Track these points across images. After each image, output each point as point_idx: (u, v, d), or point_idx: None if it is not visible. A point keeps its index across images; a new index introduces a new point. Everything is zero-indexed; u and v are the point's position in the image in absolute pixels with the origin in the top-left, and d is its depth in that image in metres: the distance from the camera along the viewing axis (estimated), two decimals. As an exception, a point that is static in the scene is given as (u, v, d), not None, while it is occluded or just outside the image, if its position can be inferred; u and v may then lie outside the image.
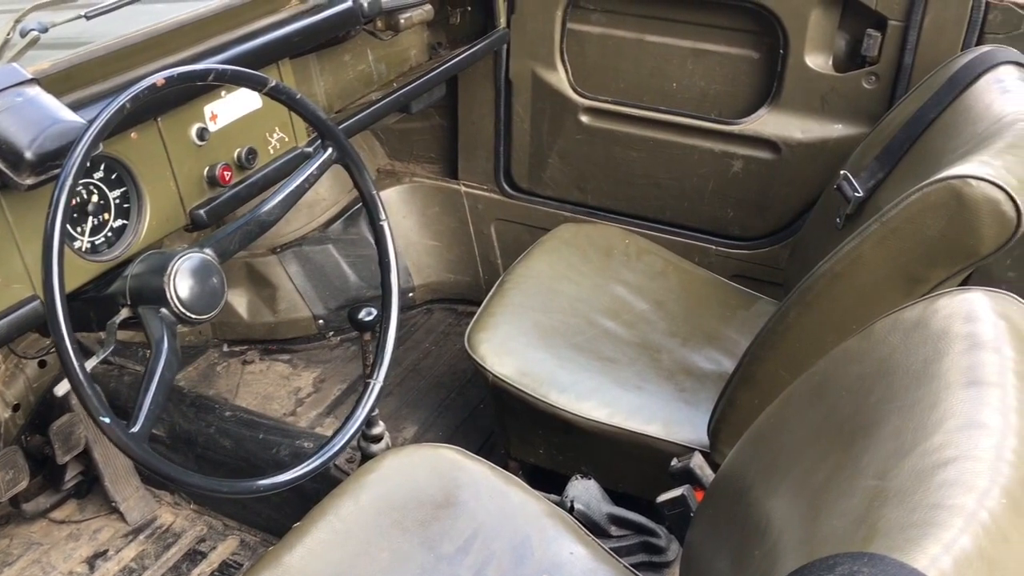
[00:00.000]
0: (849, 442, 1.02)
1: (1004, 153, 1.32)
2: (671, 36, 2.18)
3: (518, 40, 2.28)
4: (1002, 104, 1.54)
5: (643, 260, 2.14)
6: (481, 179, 2.50)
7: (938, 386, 0.96)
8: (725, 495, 1.31)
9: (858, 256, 1.35)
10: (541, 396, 1.74)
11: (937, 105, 1.69)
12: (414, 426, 2.24)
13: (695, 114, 2.21)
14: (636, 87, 2.25)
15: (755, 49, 2.12)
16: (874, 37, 1.95)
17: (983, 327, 1.00)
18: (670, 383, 1.80)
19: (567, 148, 2.35)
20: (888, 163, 1.74)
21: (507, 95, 2.36)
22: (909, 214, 1.29)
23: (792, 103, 2.08)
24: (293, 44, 1.60)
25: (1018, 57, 1.68)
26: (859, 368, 1.11)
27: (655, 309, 2.00)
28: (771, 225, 2.23)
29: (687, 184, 2.27)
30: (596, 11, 2.23)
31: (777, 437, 1.24)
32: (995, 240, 1.25)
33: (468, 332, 1.87)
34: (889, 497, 0.84)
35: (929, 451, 0.87)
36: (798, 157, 2.11)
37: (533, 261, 2.06)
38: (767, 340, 1.49)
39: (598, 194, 2.39)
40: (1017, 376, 0.93)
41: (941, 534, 0.75)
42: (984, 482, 0.81)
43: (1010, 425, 0.87)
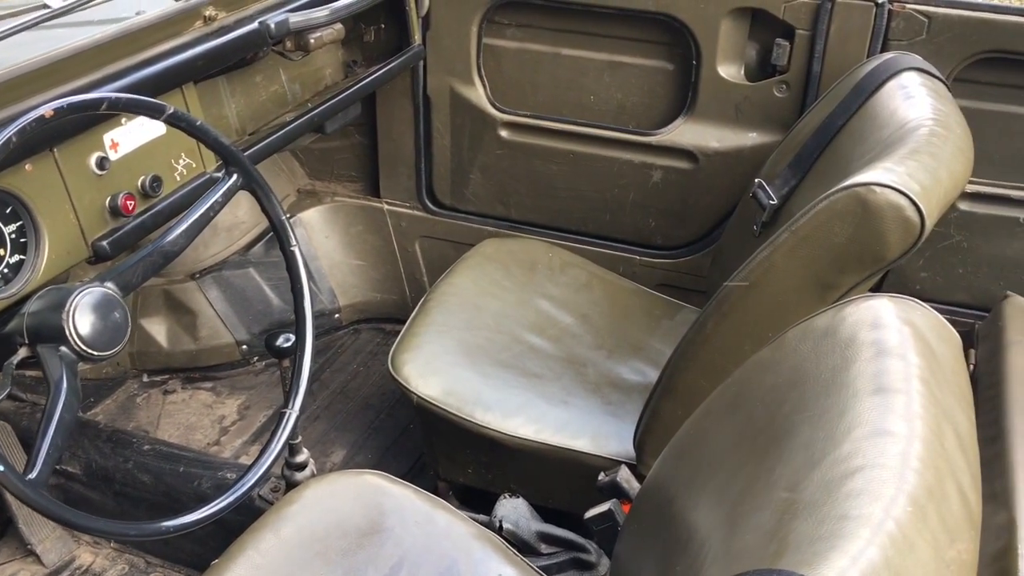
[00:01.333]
0: (763, 454, 1.02)
1: (907, 159, 1.35)
2: (587, 49, 2.19)
3: (434, 56, 2.27)
4: (906, 110, 1.57)
5: (567, 273, 2.14)
6: (403, 196, 2.48)
7: (847, 395, 0.96)
8: (650, 508, 1.31)
9: (771, 265, 1.36)
10: (467, 415, 1.72)
11: (845, 112, 1.73)
12: (343, 450, 2.20)
13: (613, 126, 2.22)
14: (554, 101, 2.25)
15: (669, 60, 2.13)
16: (783, 46, 1.98)
17: (888, 334, 1.01)
18: (596, 396, 1.80)
19: (488, 163, 2.34)
20: (800, 170, 1.77)
21: (426, 111, 2.34)
22: (817, 222, 1.31)
23: (707, 113, 2.11)
24: (197, 68, 1.57)
25: (920, 63, 1.72)
26: (772, 378, 1.12)
27: (580, 322, 2.00)
28: (692, 234, 2.25)
29: (608, 195, 2.28)
30: (511, 26, 2.23)
31: (697, 449, 1.24)
32: (901, 245, 1.28)
33: (391, 353, 1.84)
34: (799, 510, 0.85)
35: (838, 461, 0.88)
36: (715, 166, 2.13)
37: (456, 278, 2.05)
38: (687, 351, 1.49)
39: (521, 208, 2.38)
40: (921, 382, 0.94)
41: (848, 546, 0.75)
42: (891, 490, 0.81)
43: (915, 431, 0.88)
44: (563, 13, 2.16)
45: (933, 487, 0.83)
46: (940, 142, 1.42)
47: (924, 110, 1.53)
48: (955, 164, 1.39)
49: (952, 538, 0.81)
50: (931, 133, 1.45)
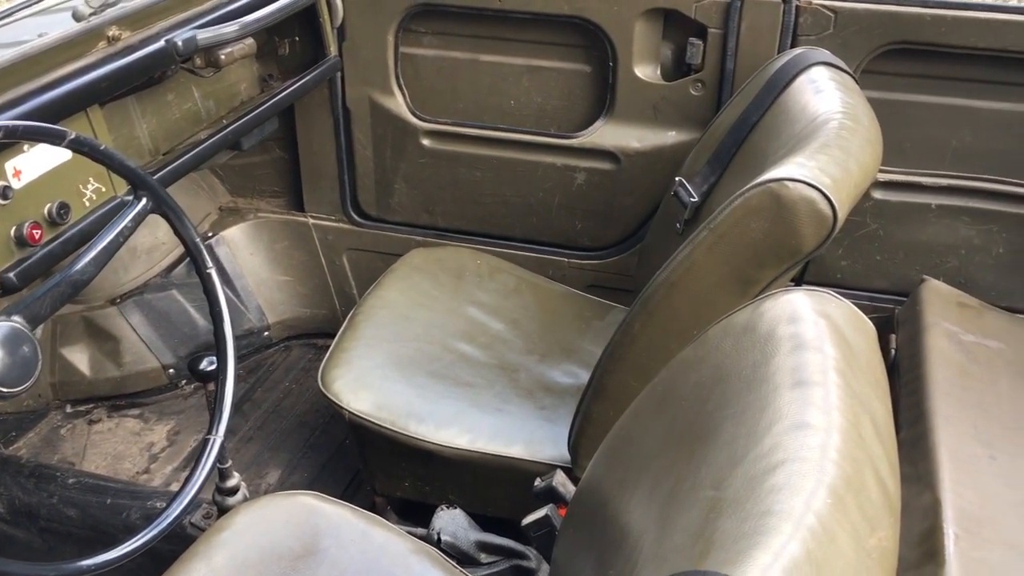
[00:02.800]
0: (690, 453, 1.03)
1: (818, 153, 1.37)
2: (504, 55, 2.19)
3: (352, 67, 2.25)
4: (816, 104, 1.60)
5: (496, 279, 2.13)
6: (328, 210, 2.45)
7: (767, 389, 0.97)
8: (584, 511, 1.32)
9: (692, 264, 1.37)
10: (400, 429, 1.71)
11: (759, 108, 1.75)
12: (278, 470, 2.16)
13: (535, 130, 2.22)
14: (475, 107, 2.25)
15: (586, 63, 2.15)
16: (696, 45, 2.00)
17: (805, 327, 1.02)
18: (530, 402, 1.80)
19: (412, 172, 2.33)
20: (719, 167, 1.80)
21: (346, 123, 2.32)
22: (734, 219, 1.32)
23: (626, 114, 2.12)
24: (102, 90, 1.52)
25: (828, 58, 1.76)
26: (696, 376, 1.13)
27: (511, 328, 2.00)
28: (619, 234, 2.26)
29: (533, 199, 2.28)
30: (428, 34, 2.22)
31: (628, 450, 1.24)
32: (815, 238, 1.30)
33: (321, 370, 1.82)
34: (724, 508, 0.85)
35: (760, 456, 0.89)
36: (637, 166, 2.15)
37: (384, 291, 2.03)
38: (615, 352, 1.50)
39: (447, 216, 2.37)
40: (838, 373, 0.96)
41: (771, 542, 0.76)
42: (811, 483, 0.82)
43: (833, 423, 0.89)
44: (479, 19, 2.15)
45: (852, 477, 0.84)
46: (849, 135, 1.45)
47: (833, 104, 1.56)
48: (864, 156, 1.42)
49: (872, 526, 0.82)
50: (840, 126, 1.48)
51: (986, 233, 2.01)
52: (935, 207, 2.01)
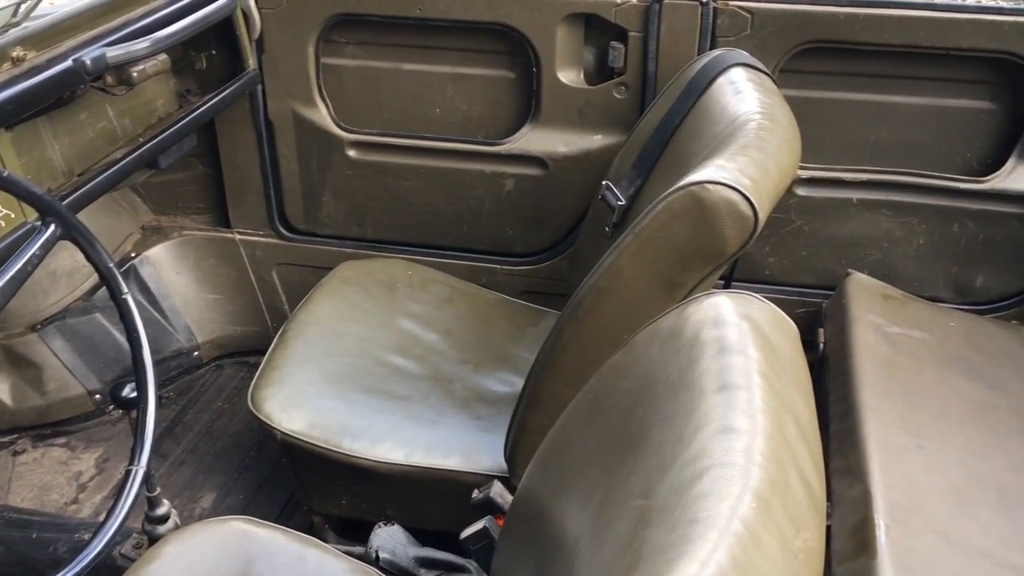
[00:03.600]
0: (620, 461, 1.03)
1: (737, 155, 1.38)
2: (428, 63, 2.18)
3: (272, 80, 2.21)
4: (735, 105, 1.62)
5: (428, 290, 2.12)
6: (255, 225, 2.41)
7: (693, 394, 0.97)
8: (521, 521, 1.31)
9: (618, 269, 1.37)
10: (334, 447, 1.68)
11: (680, 110, 1.77)
12: (211, 494, 2.12)
13: (461, 138, 2.21)
14: (400, 116, 2.23)
15: (510, 69, 2.14)
16: (618, 49, 2.01)
17: (729, 330, 1.03)
18: (465, 412, 1.79)
19: (339, 184, 2.30)
20: (644, 169, 1.81)
21: (269, 136, 2.28)
22: (658, 223, 1.33)
23: (552, 119, 2.12)
24: (7, 112, 1.47)
25: (746, 59, 1.78)
26: (625, 383, 1.13)
27: (444, 338, 1.99)
28: (550, 239, 2.26)
29: (463, 207, 2.27)
30: (349, 44, 2.19)
31: (562, 459, 1.24)
32: (738, 239, 1.31)
33: (251, 390, 1.78)
34: (652, 517, 0.85)
35: (687, 463, 0.89)
36: (565, 171, 2.15)
37: (314, 306, 2.00)
38: (547, 360, 1.50)
39: (377, 227, 2.35)
40: (761, 376, 0.96)
41: (697, 551, 0.76)
42: (737, 488, 0.82)
43: (757, 426, 0.90)
44: (401, 28, 2.14)
45: (776, 480, 0.84)
46: (768, 135, 1.47)
47: (752, 104, 1.58)
48: (782, 155, 1.44)
49: (798, 528, 0.83)
50: (759, 127, 1.49)
51: (906, 225, 2.05)
52: (856, 201, 2.05)
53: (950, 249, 2.05)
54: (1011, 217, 1.98)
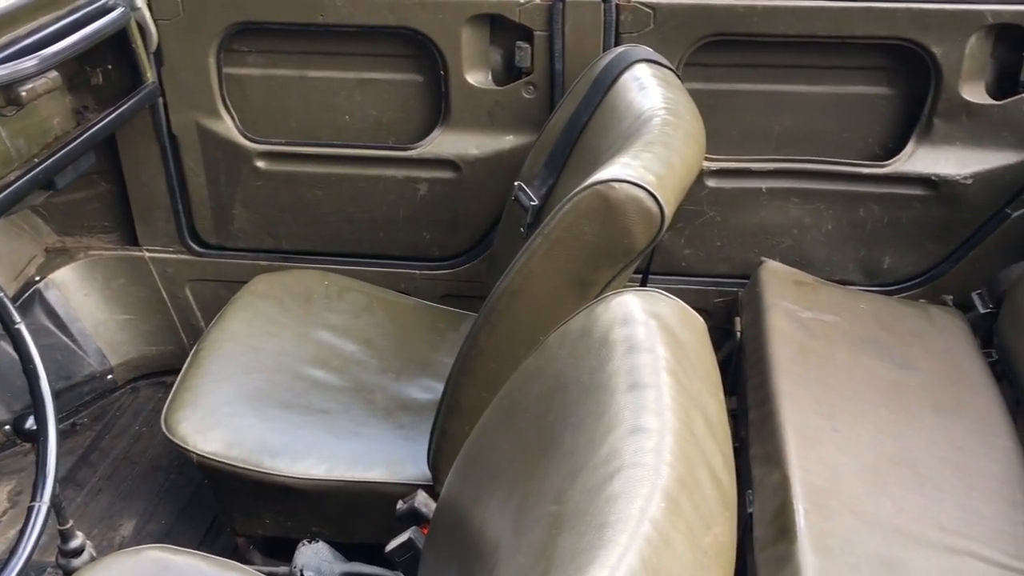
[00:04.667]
0: (534, 466, 1.02)
1: (642, 152, 1.39)
2: (334, 69, 2.15)
3: (174, 92, 2.15)
4: (640, 101, 1.63)
5: (345, 299, 2.09)
6: (165, 241, 2.35)
7: (604, 395, 0.97)
8: (444, 530, 1.30)
9: (529, 271, 1.37)
10: (254, 466, 1.64)
11: (588, 108, 1.77)
12: (132, 521, 2.05)
13: (372, 144, 2.19)
14: (308, 125, 2.19)
15: (418, 72, 2.12)
16: (524, 48, 2.01)
17: (637, 329, 1.03)
18: (388, 422, 1.77)
19: (249, 197, 2.25)
20: (555, 168, 1.81)
21: (174, 150, 2.22)
22: (566, 223, 1.33)
23: (462, 121, 2.11)
24: None
25: (650, 54, 1.79)
26: (538, 387, 1.12)
27: (364, 348, 1.96)
28: (467, 242, 2.25)
29: (378, 214, 2.24)
30: (252, 53, 2.15)
31: (480, 465, 1.23)
32: (646, 235, 1.31)
33: (164, 413, 1.73)
34: (565, 522, 0.84)
35: (598, 465, 0.88)
36: (478, 173, 2.14)
37: (228, 322, 1.95)
38: (464, 365, 1.49)
39: (291, 238, 2.31)
40: (670, 374, 0.96)
41: (607, 556, 0.75)
42: (646, 488, 0.82)
43: (666, 424, 0.90)
44: (304, 35, 2.10)
45: (685, 478, 0.85)
46: (672, 130, 1.48)
47: (656, 100, 1.59)
48: (687, 150, 1.45)
49: (708, 524, 0.83)
50: (663, 122, 1.50)
51: (814, 211, 2.09)
52: (765, 190, 2.08)
53: (857, 233, 2.10)
54: (913, 199, 2.04)
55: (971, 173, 1.98)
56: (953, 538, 1.41)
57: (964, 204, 2.01)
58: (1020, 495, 1.53)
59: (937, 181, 1.99)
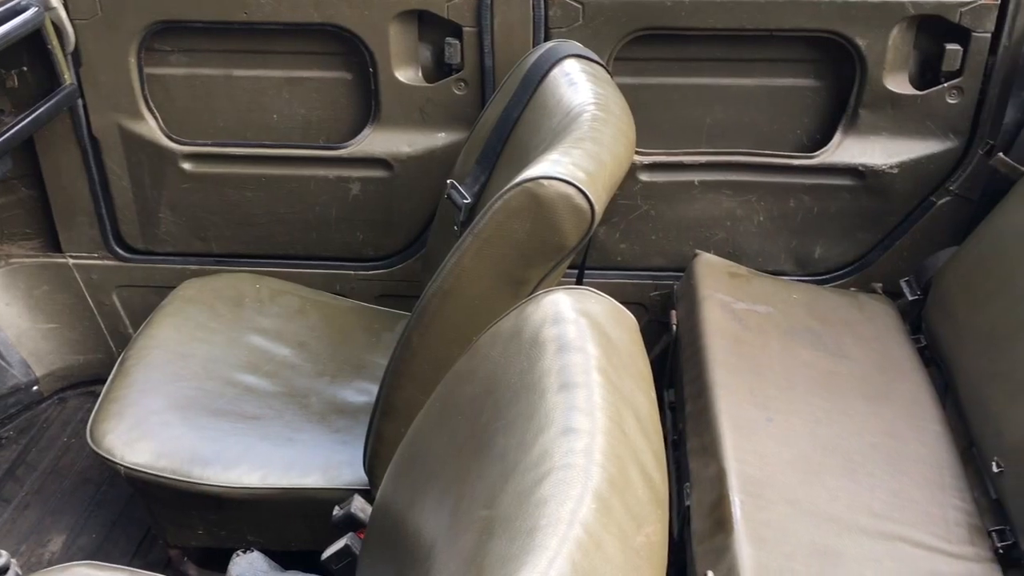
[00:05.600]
0: (467, 469, 1.01)
1: (572, 148, 1.38)
2: (261, 68, 2.10)
3: (93, 94, 2.09)
4: (570, 97, 1.62)
5: (278, 302, 2.05)
6: (90, 247, 2.28)
7: (535, 396, 0.96)
8: (380, 535, 1.28)
9: (461, 270, 1.35)
10: (184, 476, 1.60)
11: (518, 104, 1.76)
12: (61, 536, 1.99)
13: (302, 143, 2.15)
14: (236, 125, 2.15)
15: (347, 70, 2.09)
16: (454, 45, 1.99)
17: (568, 328, 1.02)
18: (323, 426, 1.74)
19: (176, 199, 2.20)
20: (487, 166, 1.79)
21: (96, 153, 2.16)
22: (496, 222, 1.31)
23: (393, 119, 2.09)
24: None
25: (579, 50, 1.79)
26: (470, 388, 1.11)
27: (297, 352, 1.93)
28: (402, 241, 2.23)
29: (310, 215, 2.21)
30: (174, 52, 2.09)
31: (414, 469, 1.21)
32: (577, 232, 1.31)
33: (90, 425, 1.68)
34: (495, 527, 0.83)
35: (529, 467, 0.87)
36: (411, 171, 2.12)
37: (155, 329, 1.90)
38: (397, 367, 1.47)
39: (221, 241, 2.26)
40: (600, 372, 0.96)
41: (537, 561, 0.74)
42: (577, 490, 0.81)
43: (597, 424, 0.89)
44: (228, 33, 2.05)
45: (616, 478, 0.84)
46: (601, 126, 1.48)
47: (586, 96, 1.59)
48: (617, 146, 1.45)
49: (639, 524, 0.83)
50: (593, 118, 1.50)
51: (746, 203, 2.11)
52: (698, 183, 2.09)
53: (788, 224, 2.12)
54: (842, 189, 2.07)
55: (897, 162, 2.01)
56: (885, 523, 1.43)
57: (891, 193, 2.05)
58: (949, 478, 1.56)
59: (864, 171, 2.02)
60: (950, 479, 1.55)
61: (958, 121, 1.97)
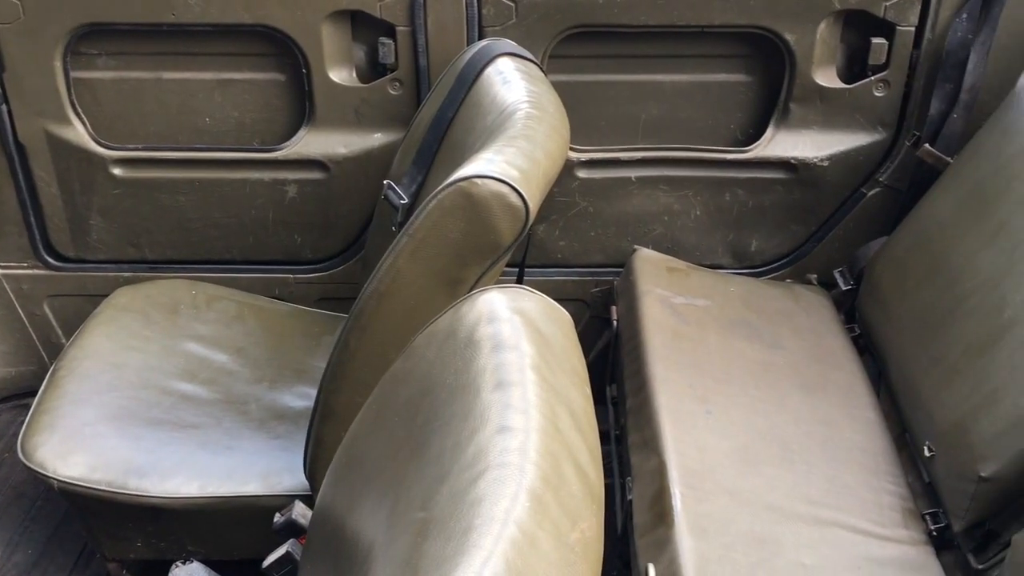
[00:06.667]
0: (404, 471, 1.00)
1: (506, 147, 1.38)
2: (191, 70, 2.07)
3: (18, 99, 2.03)
4: (504, 95, 1.62)
5: (215, 308, 2.02)
6: (18, 257, 2.22)
7: (470, 395, 0.96)
8: (320, 540, 1.26)
9: (397, 271, 1.35)
10: (119, 488, 1.57)
11: (453, 103, 1.76)
12: (-6, 553, 1.94)
13: (236, 146, 2.12)
14: (167, 129, 2.11)
15: (280, 71, 2.07)
16: (387, 44, 1.98)
17: (503, 326, 1.02)
18: (262, 433, 1.72)
19: (107, 206, 2.15)
20: (424, 166, 1.79)
21: (22, 160, 2.10)
22: (431, 222, 1.31)
23: (328, 120, 2.07)
24: None
25: (513, 48, 1.79)
26: (407, 389, 1.10)
27: (235, 358, 1.90)
28: (341, 243, 2.21)
29: (246, 218, 2.17)
30: (102, 55, 2.05)
31: (352, 472, 1.20)
32: (512, 230, 1.31)
33: (20, 439, 1.64)
34: (431, 529, 0.83)
35: (464, 467, 0.87)
36: (347, 172, 2.10)
37: (87, 339, 1.86)
38: (336, 370, 1.45)
39: (156, 247, 2.21)
40: (535, 371, 0.96)
41: (471, 561, 0.74)
42: (511, 489, 0.81)
43: (531, 422, 0.89)
44: (157, 36, 2.01)
45: (551, 475, 0.84)
46: (535, 124, 1.48)
47: (519, 94, 1.59)
48: (550, 144, 1.45)
49: (574, 520, 0.83)
50: (527, 116, 1.50)
51: (683, 198, 2.13)
52: (635, 179, 2.11)
53: (725, 217, 2.15)
54: (775, 182, 2.10)
55: (827, 155, 2.05)
56: (821, 510, 1.46)
57: (822, 185, 2.09)
58: (883, 464, 1.59)
59: (796, 164, 2.06)
60: (884, 465, 1.58)
61: (885, 113, 2.02)
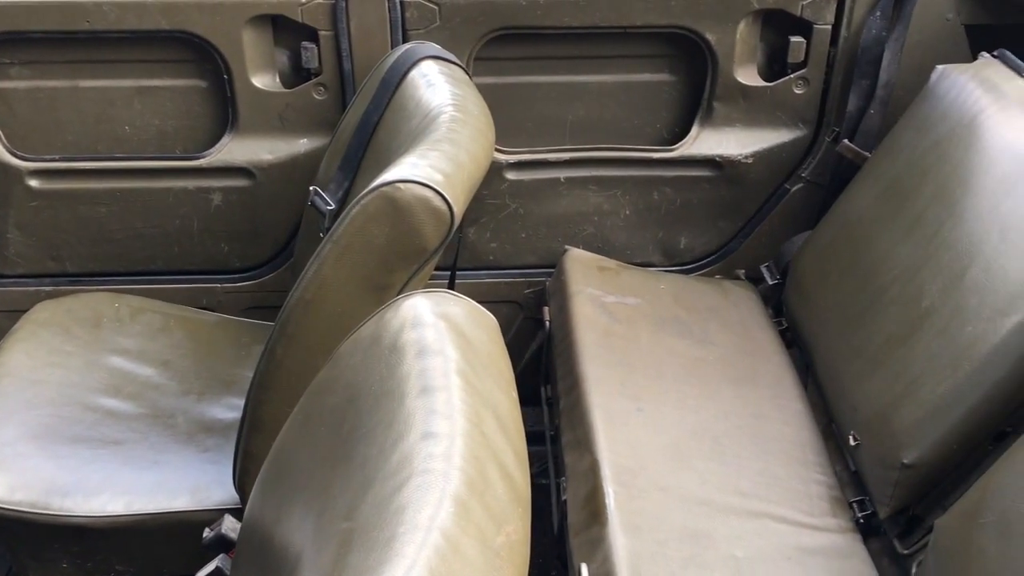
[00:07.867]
0: (330, 481, 0.99)
1: (429, 151, 1.38)
2: (108, 78, 2.02)
3: (-75, 110, 1.97)
4: (428, 99, 1.62)
5: (139, 321, 1.97)
6: (-68, 273, 2.15)
7: (395, 402, 0.95)
8: (249, 554, 1.24)
9: (322, 279, 1.33)
10: (41, 509, 1.52)
11: (378, 107, 1.75)
12: (-88, 583, 1.87)
13: (158, 155, 2.08)
14: (84, 138, 2.06)
15: (200, 78, 2.03)
16: (310, 49, 1.96)
17: (427, 331, 1.01)
18: (191, 446, 1.68)
19: (24, 219, 2.09)
20: (350, 171, 1.77)
21: (-68, 173, 2.03)
22: (355, 228, 1.30)
23: (252, 126, 2.04)
24: None
25: (437, 51, 1.79)
26: (332, 398, 1.09)
27: (162, 371, 1.86)
28: (269, 251, 2.18)
29: (170, 228, 2.13)
30: (15, 64, 1.99)
31: (279, 483, 1.18)
32: (437, 235, 1.30)
33: (-65, 463, 1.58)
34: (354, 539, 0.82)
35: (389, 475, 0.86)
36: (273, 179, 2.07)
37: (5, 356, 1.80)
38: (263, 381, 1.43)
39: (77, 260, 2.16)
40: (460, 375, 0.95)
41: (395, 571, 0.73)
42: (435, 495, 0.81)
43: (456, 427, 0.89)
44: (72, 44, 1.96)
45: (475, 480, 0.84)
46: (460, 127, 1.48)
47: (444, 97, 1.59)
48: (475, 146, 1.45)
49: (499, 524, 0.83)
50: (451, 119, 1.50)
51: (612, 198, 2.15)
52: (564, 180, 2.12)
53: (653, 216, 2.17)
54: (702, 180, 2.13)
55: (751, 152, 2.08)
56: (752, 502, 1.48)
57: (747, 182, 2.12)
58: (811, 454, 1.62)
59: (721, 162, 2.09)
60: (812, 455, 1.61)
61: (805, 110, 2.06)
